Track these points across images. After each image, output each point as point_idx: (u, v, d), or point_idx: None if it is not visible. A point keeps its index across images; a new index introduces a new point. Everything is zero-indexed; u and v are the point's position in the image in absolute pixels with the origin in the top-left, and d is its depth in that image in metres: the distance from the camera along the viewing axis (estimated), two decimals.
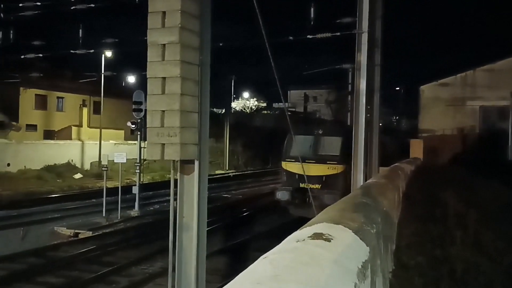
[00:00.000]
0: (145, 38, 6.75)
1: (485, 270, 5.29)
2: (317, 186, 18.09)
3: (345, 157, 16.98)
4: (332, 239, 2.36)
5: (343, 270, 2.02)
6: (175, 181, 6.85)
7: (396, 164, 14.44)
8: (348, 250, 2.36)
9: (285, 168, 19.63)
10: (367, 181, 8.48)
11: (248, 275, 1.75)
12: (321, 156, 18.78)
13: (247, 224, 19.91)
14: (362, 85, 12.64)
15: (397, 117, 79.68)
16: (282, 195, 19.09)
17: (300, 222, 3.15)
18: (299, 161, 16.60)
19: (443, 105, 31.31)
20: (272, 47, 8.69)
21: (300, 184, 18.01)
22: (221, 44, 18.61)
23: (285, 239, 2.41)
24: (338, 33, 15.97)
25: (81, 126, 45.13)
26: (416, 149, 25.03)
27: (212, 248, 13.14)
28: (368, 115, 12.99)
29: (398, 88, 63.72)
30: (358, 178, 12.25)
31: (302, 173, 16.88)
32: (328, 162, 18.42)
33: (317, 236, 2.38)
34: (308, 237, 2.36)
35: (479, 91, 30.81)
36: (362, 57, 12.55)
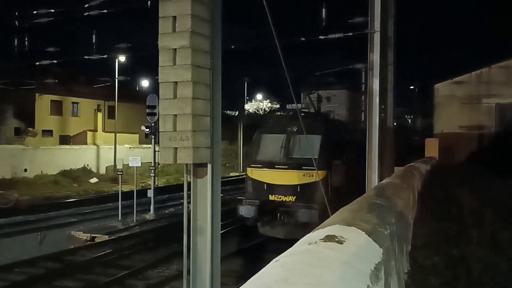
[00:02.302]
0: (157, 42, 6.79)
1: (503, 269, 5.22)
2: (290, 198, 14.73)
3: (326, 160, 14.80)
4: (344, 241, 2.35)
5: (355, 273, 2.01)
6: (188, 184, 6.87)
7: (411, 163, 14.32)
8: (361, 252, 2.35)
9: (250, 176, 15.76)
10: (381, 182, 8.42)
11: (259, 279, 1.75)
12: (295, 160, 15.04)
13: None
14: (375, 84, 12.57)
15: (412, 116, 79.10)
16: (246, 210, 15.12)
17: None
18: (267, 167, 14.94)
19: (458, 103, 31.00)
20: (284, 48, 8.68)
21: (270, 196, 14.97)
22: (233, 47, 18.65)
23: (298, 242, 2.40)
24: (351, 33, 15.90)
25: (96, 131, 45.52)
26: (431, 148, 24.80)
27: (228, 251, 13.19)
28: (382, 114, 12.91)
29: (412, 87, 63.28)
30: (373, 179, 12.17)
31: (271, 182, 14.97)
32: (303, 167, 14.67)
33: (329, 238, 2.37)
34: (320, 239, 2.35)
35: (495, 88, 30.43)
36: (375, 57, 12.48)
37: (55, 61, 25.27)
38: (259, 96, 78.30)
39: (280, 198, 14.78)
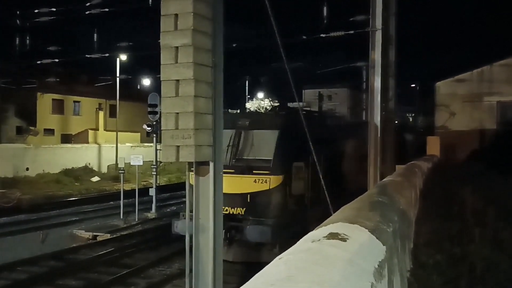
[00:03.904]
0: (159, 41, 6.79)
1: (505, 268, 5.21)
2: (238, 210, 11.99)
3: (284, 162, 12.25)
4: (347, 239, 2.35)
5: (359, 270, 2.01)
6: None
7: (412, 161, 14.31)
8: (364, 249, 2.35)
9: (191, 182, 14.33)
10: (383, 180, 8.42)
11: (262, 277, 1.75)
12: (245, 161, 12.31)
13: None
14: (377, 82, 12.58)
15: (413, 114, 79.01)
16: (182, 226, 11.77)
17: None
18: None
19: (459, 101, 30.95)
20: (285, 47, 8.68)
21: None
22: (234, 45, 18.67)
23: (301, 239, 2.40)
24: (352, 31, 15.90)
25: (98, 130, 45.55)
26: (433, 146, 24.76)
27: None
28: (383, 112, 12.91)
29: (413, 85, 63.17)
30: (374, 177, 12.18)
31: None
32: (255, 171, 11.93)
33: (332, 236, 2.37)
34: (324, 237, 2.35)
35: (497, 86, 30.37)
36: (376, 55, 12.49)
37: (56, 60, 25.32)
38: (260, 95, 78.25)
39: (227, 210, 11.54)
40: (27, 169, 34.04)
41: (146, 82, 49.54)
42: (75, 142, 43.55)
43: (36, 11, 20.56)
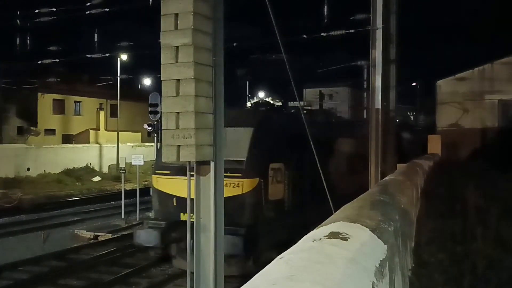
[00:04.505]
0: (159, 40, 6.79)
1: (508, 266, 5.21)
2: None
3: (261, 163, 11.09)
4: (349, 238, 2.34)
5: (360, 269, 2.00)
6: (192, 182, 6.88)
7: (414, 160, 14.30)
8: (365, 248, 2.34)
9: (156, 186, 11.87)
10: (384, 178, 8.41)
11: (264, 276, 1.74)
12: None
13: None
14: (378, 81, 12.58)
15: (414, 113, 78.99)
16: (145, 236, 11.19)
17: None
18: (176, 174, 10.71)
19: (460, 100, 30.92)
20: (286, 46, 8.68)
21: (181, 214, 10.92)
22: (235, 44, 18.66)
23: (302, 239, 2.40)
24: (353, 30, 15.90)
25: (99, 130, 45.58)
26: (434, 144, 24.73)
27: None
28: (384, 111, 12.90)
29: (414, 84, 63.15)
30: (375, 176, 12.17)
31: (183, 195, 10.34)
32: (226, 174, 10.17)
33: (333, 235, 2.36)
34: (325, 236, 2.34)
35: (498, 84, 30.34)
36: (377, 54, 12.48)
37: (57, 60, 25.33)
38: (261, 94, 78.31)
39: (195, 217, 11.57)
40: (28, 169, 34.07)
41: (147, 81, 49.57)
42: (76, 142, 43.58)
43: (36, 11, 20.57)
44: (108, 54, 26.10)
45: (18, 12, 21.77)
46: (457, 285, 4.73)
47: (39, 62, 25.51)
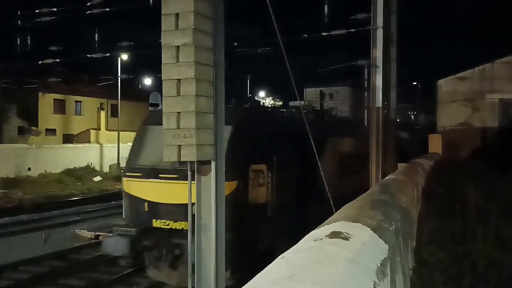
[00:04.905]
0: (160, 40, 6.79)
1: (508, 265, 5.21)
2: (182, 224, 9.80)
3: (240, 164, 10.09)
4: (350, 237, 2.35)
5: (361, 269, 2.01)
6: (192, 182, 6.88)
7: (414, 160, 14.29)
8: (366, 248, 2.34)
9: (126, 190, 10.85)
10: (385, 178, 8.41)
11: (265, 276, 1.74)
12: (192, 164, 9.73)
13: None
14: (378, 81, 12.57)
15: (415, 112, 78.96)
16: (114, 245, 10.26)
17: None
18: (148, 176, 10.13)
19: (461, 99, 30.91)
20: (287, 45, 8.68)
21: (153, 221, 10.15)
22: (236, 44, 18.67)
23: (303, 238, 2.40)
24: (353, 30, 15.89)
25: (99, 129, 45.58)
26: (435, 144, 24.75)
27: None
28: (385, 111, 12.90)
29: (415, 83, 63.11)
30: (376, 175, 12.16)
31: (155, 199, 10.10)
32: None
33: (334, 234, 2.37)
34: (326, 236, 2.34)
35: (498, 84, 30.33)
36: (378, 53, 12.47)
37: (57, 60, 25.34)
38: (261, 94, 78.31)
39: (168, 224, 9.89)
40: (29, 169, 34.08)
41: (148, 81, 49.57)
42: (76, 142, 43.59)
43: (37, 11, 20.58)
44: (108, 54, 26.12)
45: (19, 12, 21.78)
46: (457, 285, 4.73)
47: (40, 62, 25.53)
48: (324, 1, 19.14)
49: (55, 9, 20.52)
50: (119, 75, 40.62)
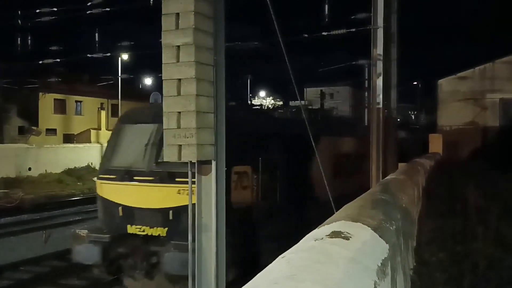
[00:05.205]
0: (161, 40, 6.79)
1: (508, 265, 5.20)
2: (159, 231, 9.20)
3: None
4: (350, 237, 2.34)
5: (362, 269, 2.00)
6: (193, 181, 6.88)
7: (415, 159, 14.28)
8: (367, 248, 2.34)
9: (100, 193, 10.21)
10: (386, 178, 8.41)
11: (265, 275, 1.74)
12: (167, 166, 8.91)
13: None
14: (379, 80, 12.56)
15: (415, 112, 78.97)
16: (84, 252, 9.58)
17: None
18: (122, 179, 9.52)
19: (462, 99, 30.91)
20: (287, 45, 8.68)
21: (128, 226, 9.45)
22: (237, 43, 18.67)
23: (303, 238, 2.40)
24: (353, 29, 15.89)
25: (100, 129, 45.59)
26: (436, 143, 24.73)
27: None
28: (386, 110, 12.89)
29: (415, 83, 63.13)
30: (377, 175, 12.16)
31: (130, 203, 9.39)
32: (179, 179, 8.83)
33: (335, 234, 2.36)
34: (326, 235, 2.34)
35: (499, 83, 30.33)
36: (378, 53, 12.46)
37: (58, 60, 25.35)
38: (262, 93, 78.42)
39: (143, 230, 9.19)
40: (30, 169, 34.09)
41: (148, 81, 49.59)
42: (77, 141, 43.60)
43: (37, 11, 20.58)
44: (109, 54, 26.14)
45: (19, 12, 21.80)
46: (458, 285, 4.73)
47: (40, 62, 25.54)
48: (324, 0, 19.14)
49: (55, 9, 20.53)
50: (119, 75, 40.65)
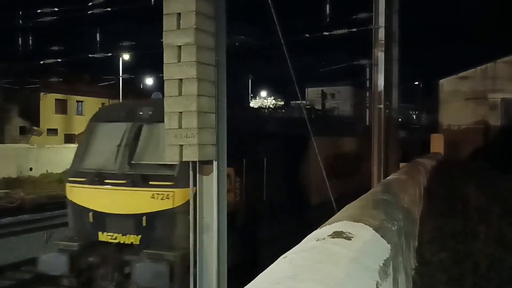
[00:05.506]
0: (162, 40, 6.79)
1: (510, 265, 5.20)
2: (132, 238, 8.38)
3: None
4: (352, 237, 2.34)
5: (363, 269, 2.00)
6: (194, 181, 6.88)
7: (416, 159, 14.27)
8: (369, 248, 2.34)
9: (70, 197, 9.46)
10: (387, 178, 8.40)
11: (267, 275, 1.74)
12: (141, 168, 8.48)
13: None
14: (380, 80, 12.55)
15: (417, 112, 78.92)
16: (51, 262, 8.99)
17: None
18: (93, 182, 8.73)
19: (463, 99, 30.89)
20: (288, 45, 8.67)
21: (100, 234, 8.68)
22: (237, 44, 18.67)
23: (305, 238, 2.40)
24: (355, 29, 15.88)
25: None
26: (437, 143, 24.74)
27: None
28: (387, 110, 12.88)
29: (417, 83, 63.09)
30: (378, 175, 12.15)
31: (102, 208, 8.62)
32: (153, 182, 8.24)
33: (337, 234, 2.36)
34: (328, 235, 2.34)
35: (500, 83, 30.31)
36: (379, 53, 12.46)
37: (59, 60, 25.37)
38: (263, 93, 78.43)
39: (115, 238, 8.46)
40: (31, 169, 34.11)
41: (149, 81, 49.60)
42: (78, 141, 43.62)
43: (38, 11, 20.60)
44: (110, 54, 26.15)
45: (20, 12, 21.82)
46: (459, 284, 4.73)
47: (41, 62, 25.57)
48: (325, 0, 19.13)
49: (56, 9, 20.55)
50: (120, 74, 40.67)
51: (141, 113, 9.09)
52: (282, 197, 10.80)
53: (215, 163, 6.76)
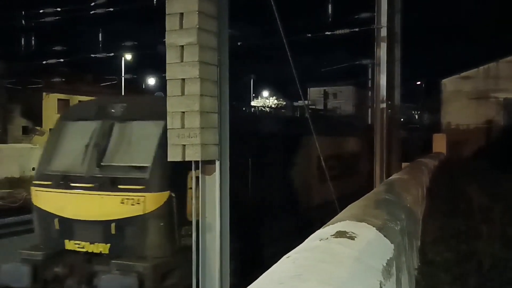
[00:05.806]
0: (164, 39, 6.80)
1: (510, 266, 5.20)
2: (100, 247, 7.72)
3: (173, 170, 7.47)
4: (355, 237, 2.34)
5: (367, 268, 2.00)
6: (197, 181, 6.87)
7: (419, 159, 14.25)
8: (372, 247, 2.34)
9: (35, 202, 8.50)
10: (390, 177, 8.40)
11: (270, 275, 1.74)
12: (110, 171, 7.86)
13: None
14: (382, 80, 12.54)
15: (419, 112, 78.81)
16: (12, 273, 8.06)
17: None
18: (58, 186, 8.06)
19: (465, 99, 30.85)
20: (290, 45, 8.67)
21: (66, 241, 7.97)
22: (239, 44, 18.67)
23: (308, 238, 2.40)
24: (357, 29, 15.87)
25: None
26: (439, 143, 24.69)
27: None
28: (389, 110, 12.87)
29: (419, 82, 63.00)
30: (380, 175, 12.14)
31: (68, 214, 7.93)
32: (122, 186, 7.62)
33: (340, 234, 2.36)
34: (331, 235, 2.34)
35: (503, 83, 30.27)
36: (382, 52, 12.45)
37: (61, 60, 25.41)
38: (265, 93, 78.49)
39: (83, 247, 7.83)
40: (33, 169, 34.09)
41: (151, 81, 49.63)
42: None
43: (41, 11, 20.63)
44: (112, 54, 26.20)
45: (22, 12, 21.85)
46: (462, 284, 4.72)
47: (44, 62, 25.61)
48: (327, 0, 19.12)
49: (58, 9, 20.58)
50: (123, 74, 40.71)
51: (112, 110, 8.41)
52: (268, 200, 10.26)
53: (217, 163, 6.76)
